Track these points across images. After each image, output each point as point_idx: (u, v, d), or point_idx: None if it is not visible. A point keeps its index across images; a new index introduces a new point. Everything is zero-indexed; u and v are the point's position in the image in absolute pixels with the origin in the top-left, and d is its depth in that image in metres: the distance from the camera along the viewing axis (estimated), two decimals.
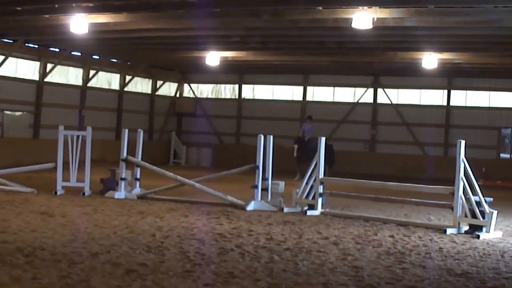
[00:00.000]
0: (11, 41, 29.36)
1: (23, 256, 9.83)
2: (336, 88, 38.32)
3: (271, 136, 17.94)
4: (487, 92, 35.68)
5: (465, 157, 14.64)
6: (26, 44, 30.30)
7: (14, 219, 13.58)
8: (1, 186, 18.77)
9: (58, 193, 18.39)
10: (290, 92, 39.45)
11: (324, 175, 17.71)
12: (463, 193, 14.56)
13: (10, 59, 29.69)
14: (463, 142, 14.68)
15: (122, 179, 18.75)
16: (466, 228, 14.53)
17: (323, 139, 17.54)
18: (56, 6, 20.98)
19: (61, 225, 13.06)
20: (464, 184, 14.57)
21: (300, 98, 39.06)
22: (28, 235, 11.71)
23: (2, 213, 14.29)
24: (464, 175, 14.57)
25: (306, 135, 29.73)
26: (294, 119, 38.14)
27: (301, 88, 39.09)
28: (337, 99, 38.31)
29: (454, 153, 15.25)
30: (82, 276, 8.77)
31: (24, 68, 31.32)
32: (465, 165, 14.58)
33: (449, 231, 14.32)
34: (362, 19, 19.00)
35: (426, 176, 29.35)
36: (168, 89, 41.43)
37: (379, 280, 9.34)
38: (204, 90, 41.53)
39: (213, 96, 41.35)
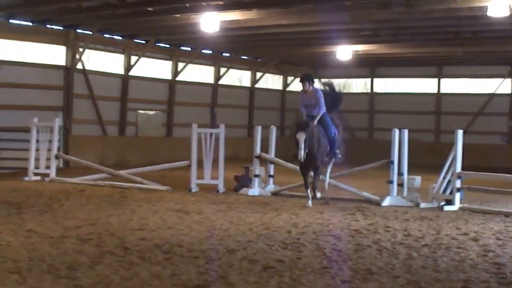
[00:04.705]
0: (143, 41, 30.09)
1: (161, 253, 9.98)
2: (472, 79, 37.30)
3: (406, 130, 17.59)
4: None
5: None
6: (158, 44, 30.94)
7: (151, 216, 13.84)
8: (138, 185, 19.21)
9: (193, 190, 18.64)
10: (424, 85, 38.65)
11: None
12: None
13: (142, 59, 30.36)
14: None
15: (255, 176, 18.79)
16: None
17: (460, 132, 16.96)
18: (187, 5, 21.31)
19: (197, 222, 13.20)
20: None
21: (435, 90, 38.23)
22: (165, 232, 11.88)
23: (140, 211, 14.59)
24: None
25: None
26: (429, 112, 37.44)
27: (435, 80, 38.24)
28: (472, 91, 37.28)
29: None
30: (220, 272, 8.83)
31: (156, 68, 32.02)
32: None
33: None
34: (498, 7, 18.48)
35: None
36: (299, 84, 41.29)
37: None
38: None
39: (344, 91, 41.01)
